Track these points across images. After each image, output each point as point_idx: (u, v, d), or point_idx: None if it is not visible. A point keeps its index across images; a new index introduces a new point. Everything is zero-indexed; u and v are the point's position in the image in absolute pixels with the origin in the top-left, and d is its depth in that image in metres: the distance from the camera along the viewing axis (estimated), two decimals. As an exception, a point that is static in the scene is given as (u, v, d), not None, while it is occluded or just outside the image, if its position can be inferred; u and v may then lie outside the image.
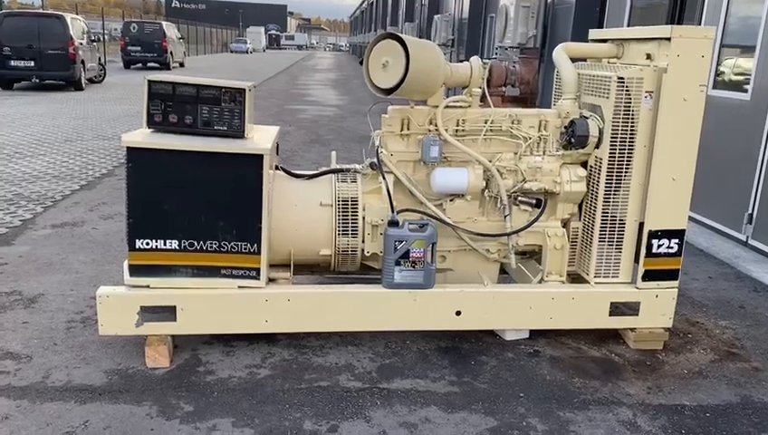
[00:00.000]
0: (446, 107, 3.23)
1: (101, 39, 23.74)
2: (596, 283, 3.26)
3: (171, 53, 26.24)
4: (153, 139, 2.92)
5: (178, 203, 2.93)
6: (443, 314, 3.15)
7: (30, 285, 3.82)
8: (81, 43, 16.00)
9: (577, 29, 7.73)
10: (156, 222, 2.94)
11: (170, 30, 26.92)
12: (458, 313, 3.15)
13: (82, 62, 15.87)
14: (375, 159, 3.26)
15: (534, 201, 3.29)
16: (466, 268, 3.40)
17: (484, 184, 3.24)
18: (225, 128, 3.07)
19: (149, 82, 2.99)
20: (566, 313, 3.21)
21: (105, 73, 18.99)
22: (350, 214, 3.19)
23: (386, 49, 3.06)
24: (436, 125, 3.23)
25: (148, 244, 2.95)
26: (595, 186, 3.22)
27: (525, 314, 3.21)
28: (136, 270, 2.97)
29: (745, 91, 5.37)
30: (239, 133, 3.07)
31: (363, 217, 3.20)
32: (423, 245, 3.06)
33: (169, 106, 3.02)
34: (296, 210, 3.19)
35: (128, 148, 2.85)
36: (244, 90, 3.05)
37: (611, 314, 3.21)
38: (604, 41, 3.55)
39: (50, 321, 3.37)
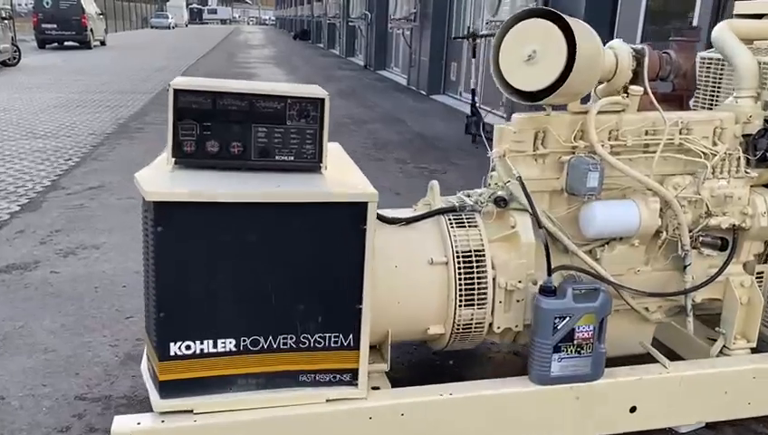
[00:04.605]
0: (599, 112, 2.26)
1: (12, 16, 21.41)
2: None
3: (91, 30, 24.02)
4: (193, 185, 1.83)
5: (235, 282, 1.87)
6: (613, 414, 2.21)
7: (-21, 380, 2.66)
8: (-8, 22, 14.06)
9: (592, 2, 6.86)
10: (201, 314, 1.87)
11: (89, 5, 24.58)
12: (633, 409, 2.23)
13: (-6, 42, 13.95)
14: (503, 192, 2.26)
15: (719, 242, 2.38)
16: (617, 333, 2.46)
17: (660, 222, 2.30)
18: (293, 158, 2.01)
19: (176, 92, 1.89)
20: (769, 395, 2.34)
21: (20, 55, 16.93)
22: (474, 274, 2.19)
23: (530, 33, 2.06)
24: (583, 139, 2.27)
25: (189, 348, 1.87)
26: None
27: (719, 402, 2.31)
28: (171, 388, 1.89)
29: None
30: (314, 165, 2.02)
31: (494, 279, 2.21)
32: (593, 320, 2.10)
33: (207, 128, 1.94)
34: (396, 273, 2.17)
35: (155, 204, 1.75)
36: (323, 100, 1.99)
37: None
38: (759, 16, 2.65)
39: (22, 452, 2.25)
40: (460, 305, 2.18)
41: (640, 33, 6.82)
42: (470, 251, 2.19)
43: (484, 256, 2.19)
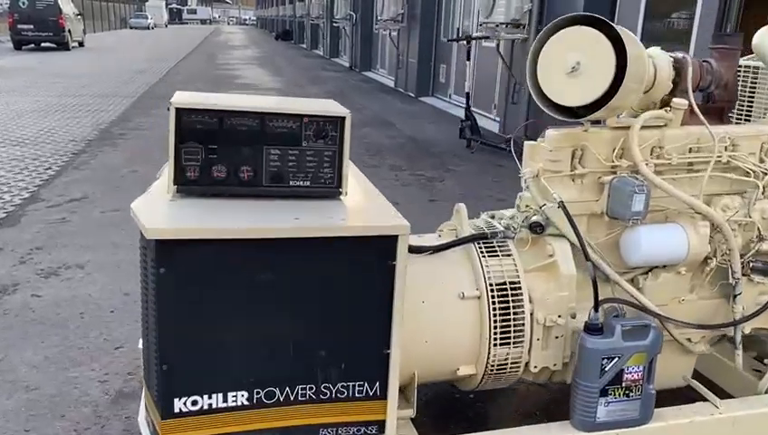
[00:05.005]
0: (642, 127, 2.06)
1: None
2: None
3: (69, 31, 23.51)
4: (200, 219, 1.59)
5: (248, 328, 1.64)
6: (662, 460, 2.01)
7: (-46, 425, 2.40)
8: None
9: (590, 3, 6.68)
10: (209, 365, 1.63)
11: (66, 5, 24.05)
12: (683, 453, 2.03)
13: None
14: (539, 217, 2.05)
15: (768, 267, 2.19)
16: (657, 366, 2.26)
17: (709, 248, 2.10)
18: (309, 183, 1.79)
19: (179, 111, 1.65)
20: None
21: (-4, 57, 16.49)
22: (510, 309, 1.97)
23: (574, 42, 1.85)
24: (624, 157, 2.06)
25: (195, 403, 1.63)
26: None
27: (773, 443, 2.12)
28: (175, 449, 1.65)
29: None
30: (333, 191, 1.80)
31: (531, 314, 2.00)
32: (644, 359, 1.90)
33: (213, 151, 1.70)
34: (423, 309, 1.95)
35: (156, 243, 1.51)
36: (343, 118, 1.77)
37: None
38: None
39: None
40: (495, 344, 1.97)
41: (640, 31, 6.67)
42: (505, 283, 1.98)
43: (520, 288, 1.98)
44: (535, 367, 2.04)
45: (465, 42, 7.93)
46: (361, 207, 1.79)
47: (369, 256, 1.67)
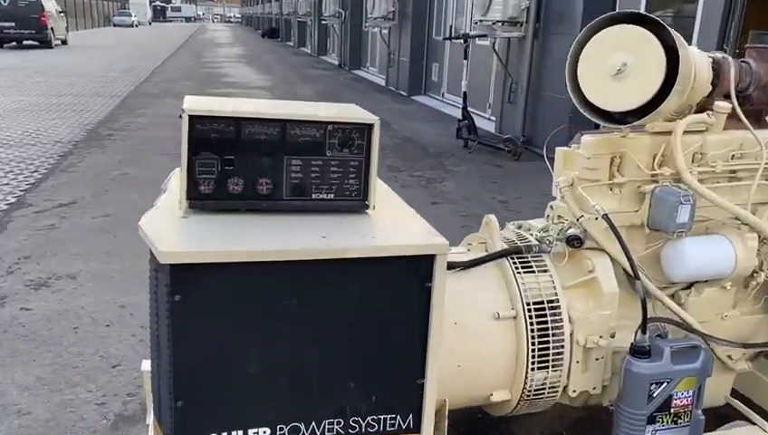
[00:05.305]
0: (685, 132, 1.92)
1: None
2: None
3: (52, 28, 23.11)
4: (219, 240, 1.43)
5: (271, 358, 1.48)
6: (711, 490, 1.88)
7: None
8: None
9: (590, 2, 6.56)
10: (229, 399, 1.47)
11: (49, 2, 23.63)
12: (731, 482, 1.90)
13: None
14: (576, 229, 1.90)
15: (817, 281, 2.07)
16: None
17: (757, 261, 1.97)
18: (333, 196, 1.64)
19: (192, 118, 1.49)
20: None
21: (-23, 55, 16.12)
22: (550, 330, 1.83)
23: (620, 42, 1.71)
24: (666, 165, 1.93)
25: (214, 442, 1.48)
26: None
27: (824, 469, 2.00)
28: (191, 494, 1.49)
29: None
30: (359, 204, 1.65)
31: (571, 334, 1.85)
32: (693, 384, 1.77)
33: (230, 163, 1.54)
34: (456, 332, 1.80)
35: (171, 268, 1.35)
36: (370, 125, 1.62)
37: None
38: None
39: None
40: (532, 368, 1.82)
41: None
42: (542, 302, 1.83)
43: (559, 307, 1.84)
44: (574, 391, 1.90)
45: (462, 40, 7.78)
46: (391, 222, 1.64)
47: (404, 277, 1.52)
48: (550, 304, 1.84)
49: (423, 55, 12.22)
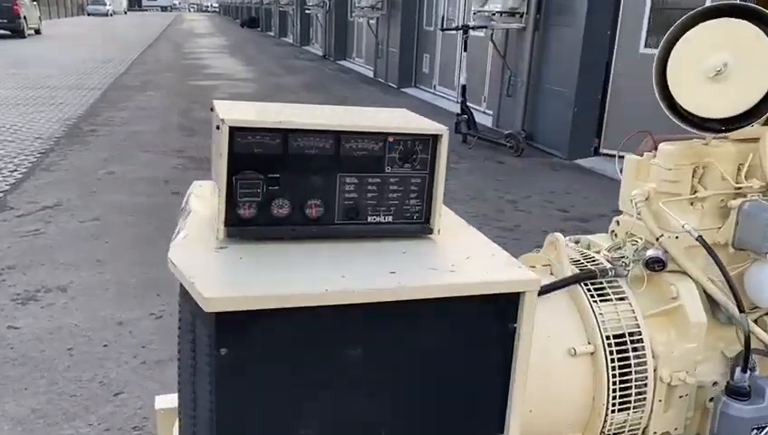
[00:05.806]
0: (772, 142, 1.71)
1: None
2: None
3: (25, 17, 22.45)
4: (270, 281, 1.18)
5: (330, 416, 1.24)
6: None
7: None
8: None
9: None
10: (282, 468, 1.23)
11: (22, -10, 22.95)
12: None
13: None
14: (656, 251, 1.68)
15: None
16: None
17: None
18: (392, 218, 1.39)
19: (233, 130, 1.23)
20: None
21: (-53, 45, 15.54)
22: (632, 366, 1.61)
23: (719, 39, 1.48)
24: (754, 176, 1.71)
25: None
26: None
27: None
28: None
29: None
30: (422, 229, 1.41)
31: (654, 370, 1.63)
32: (798, 427, 1.56)
33: (275, 182, 1.29)
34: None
35: (218, 317, 1.09)
36: (436, 136, 1.37)
37: None
38: None
39: None
40: (612, 410, 1.60)
41: (646, 22, 6.38)
42: (623, 334, 1.61)
43: (642, 340, 1.61)
44: (655, 433, 1.68)
45: (462, 32, 7.53)
46: (463, 250, 1.40)
47: (486, 318, 1.28)
48: (631, 337, 1.61)
49: (413, 46, 11.95)
